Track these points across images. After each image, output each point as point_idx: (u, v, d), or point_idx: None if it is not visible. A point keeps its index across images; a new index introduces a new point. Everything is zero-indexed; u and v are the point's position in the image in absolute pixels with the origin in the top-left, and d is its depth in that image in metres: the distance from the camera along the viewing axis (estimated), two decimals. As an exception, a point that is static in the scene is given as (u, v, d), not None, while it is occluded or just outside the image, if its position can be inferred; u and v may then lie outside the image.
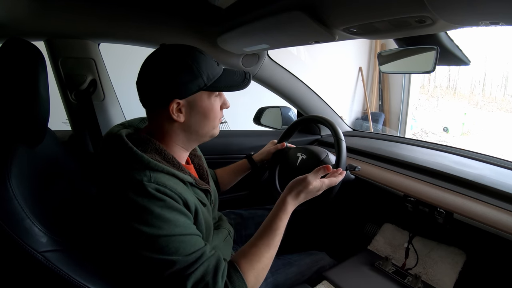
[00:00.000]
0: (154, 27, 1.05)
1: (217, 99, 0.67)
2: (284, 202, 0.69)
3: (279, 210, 0.68)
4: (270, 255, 0.63)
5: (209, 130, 0.68)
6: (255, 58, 1.24)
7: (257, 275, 0.60)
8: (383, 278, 0.91)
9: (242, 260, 0.60)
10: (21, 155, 0.57)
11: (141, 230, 0.51)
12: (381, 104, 4.44)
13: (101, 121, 1.09)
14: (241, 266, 0.59)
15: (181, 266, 0.52)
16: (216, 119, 0.68)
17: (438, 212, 0.83)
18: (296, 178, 0.73)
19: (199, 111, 0.64)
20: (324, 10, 0.68)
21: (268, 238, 0.64)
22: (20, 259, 0.47)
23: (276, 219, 0.67)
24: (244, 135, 1.43)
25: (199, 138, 0.68)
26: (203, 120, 0.65)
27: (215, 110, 0.66)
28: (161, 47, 0.63)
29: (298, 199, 0.71)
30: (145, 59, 0.62)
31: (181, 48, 0.62)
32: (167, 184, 0.56)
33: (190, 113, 0.63)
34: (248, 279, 0.58)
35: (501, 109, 5.10)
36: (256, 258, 0.61)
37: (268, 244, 0.63)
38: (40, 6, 0.88)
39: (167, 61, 0.60)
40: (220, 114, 0.69)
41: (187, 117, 0.63)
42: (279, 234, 0.66)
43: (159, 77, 0.60)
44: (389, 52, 1.01)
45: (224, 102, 0.69)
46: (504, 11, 0.47)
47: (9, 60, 0.56)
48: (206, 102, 0.64)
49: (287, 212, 0.68)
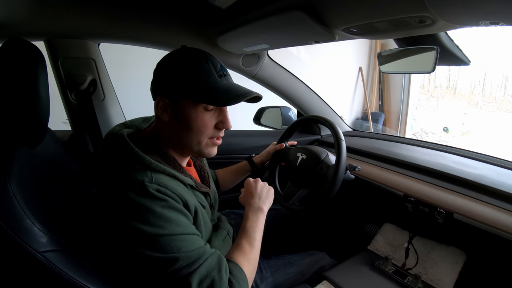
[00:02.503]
0: (154, 27, 1.05)
1: (208, 113, 0.62)
2: (248, 209, 0.76)
3: (246, 214, 0.75)
4: (254, 250, 0.68)
5: (192, 144, 0.63)
6: (255, 58, 1.24)
7: (250, 268, 0.63)
8: (383, 278, 0.91)
9: (235, 256, 0.64)
10: (21, 155, 0.57)
11: (142, 229, 0.51)
12: (381, 104, 4.43)
13: (101, 121, 1.09)
14: (237, 261, 0.62)
15: (184, 263, 0.53)
16: (202, 135, 0.62)
17: (438, 212, 0.83)
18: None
19: (181, 117, 0.61)
20: (324, 10, 0.68)
21: (248, 236, 0.69)
22: (20, 259, 0.47)
23: (247, 221, 0.73)
24: (244, 135, 1.43)
25: (186, 150, 0.66)
26: (185, 130, 0.62)
27: (200, 123, 0.61)
28: (181, 47, 0.65)
29: (254, 202, 0.76)
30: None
31: (190, 51, 0.63)
32: (168, 185, 0.56)
33: (173, 116, 0.61)
34: (246, 272, 0.61)
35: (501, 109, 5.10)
36: (244, 253, 0.65)
37: (250, 241, 0.69)
38: (40, 6, 0.88)
39: (170, 59, 0.62)
40: (210, 131, 0.63)
41: (171, 119, 0.62)
42: (256, 232, 0.71)
43: (158, 72, 0.63)
44: (389, 52, 1.01)
45: (223, 121, 0.64)
46: (504, 11, 0.47)
47: (9, 60, 0.56)
48: (191, 111, 0.60)
49: (251, 216, 0.74)
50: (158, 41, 1.09)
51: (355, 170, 0.92)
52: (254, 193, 0.78)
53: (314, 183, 0.97)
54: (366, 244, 1.11)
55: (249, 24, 0.87)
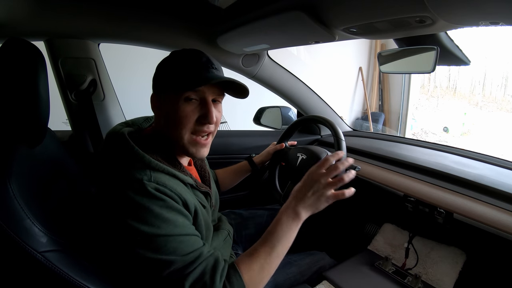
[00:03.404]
0: (154, 27, 1.05)
1: (190, 105, 0.60)
2: (287, 207, 0.66)
3: (281, 215, 0.65)
4: (270, 261, 0.60)
5: (178, 139, 0.62)
6: (255, 58, 1.24)
7: (256, 279, 0.59)
8: (383, 278, 0.91)
9: (242, 262, 0.59)
10: (21, 155, 0.57)
11: (139, 229, 0.51)
12: (381, 104, 4.44)
13: (101, 121, 1.09)
14: (241, 268, 0.58)
15: (179, 266, 0.52)
16: (184, 127, 0.61)
17: (438, 212, 0.83)
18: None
19: (165, 111, 0.62)
20: (324, 10, 0.68)
21: (268, 244, 0.61)
22: (20, 259, 0.47)
23: (276, 224, 0.63)
24: (244, 135, 1.43)
25: (176, 147, 0.64)
26: (169, 124, 0.62)
27: (181, 115, 0.60)
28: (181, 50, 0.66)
29: (303, 202, 0.65)
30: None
31: (188, 50, 0.64)
32: (167, 184, 0.56)
33: (161, 111, 0.64)
34: (247, 282, 0.57)
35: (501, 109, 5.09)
36: (256, 262, 0.59)
37: (268, 251, 0.61)
38: (40, 6, 0.88)
39: (166, 59, 0.64)
40: (191, 124, 0.61)
41: (159, 115, 0.65)
42: (280, 240, 0.62)
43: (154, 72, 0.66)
44: (389, 52, 1.01)
45: (205, 114, 0.61)
46: (504, 11, 0.47)
47: (9, 60, 0.56)
48: (173, 103, 0.60)
49: (289, 218, 0.64)
50: (158, 41, 1.09)
51: (355, 170, 0.92)
52: (306, 191, 0.65)
53: (314, 183, 0.97)
54: (366, 244, 1.11)
55: (249, 24, 0.87)
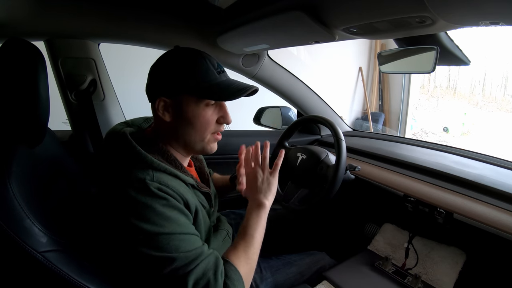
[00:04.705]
0: (154, 27, 1.05)
1: (210, 109, 0.63)
2: (251, 205, 0.72)
3: (248, 211, 0.71)
4: (253, 250, 0.65)
5: (196, 141, 0.64)
6: (255, 58, 1.24)
7: (246, 268, 0.62)
8: (383, 278, 0.91)
9: (231, 256, 0.62)
10: (21, 155, 0.57)
11: (142, 227, 0.51)
12: (381, 104, 4.43)
13: (101, 121, 1.09)
14: (233, 261, 0.60)
15: (181, 263, 0.53)
16: (205, 131, 0.64)
17: (438, 212, 0.83)
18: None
19: (183, 115, 0.62)
20: (324, 10, 0.68)
21: (247, 236, 0.66)
22: (20, 259, 0.47)
23: (248, 219, 0.69)
24: (244, 135, 1.43)
25: (189, 148, 0.66)
26: (188, 127, 0.62)
27: (203, 120, 0.62)
28: (174, 48, 0.64)
29: (258, 193, 0.72)
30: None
31: (185, 50, 0.63)
32: (169, 184, 0.56)
33: (175, 114, 0.62)
34: (242, 273, 0.60)
35: (501, 109, 5.09)
36: (242, 253, 0.63)
37: (249, 240, 0.66)
38: (40, 6, 0.88)
39: (166, 60, 0.63)
40: (212, 126, 0.64)
41: (173, 119, 0.62)
42: (256, 229, 0.67)
43: (154, 73, 0.63)
44: (389, 52, 1.01)
45: (223, 116, 0.65)
46: (504, 11, 0.47)
47: (9, 60, 0.56)
48: (193, 107, 0.61)
49: (255, 209, 0.70)
50: (158, 41, 1.09)
51: (355, 170, 0.92)
52: (255, 186, 0.73)
53: (314, 183, 0.97)
54: (366, 244, 1.11)
55: (249, 24, 0.87)
